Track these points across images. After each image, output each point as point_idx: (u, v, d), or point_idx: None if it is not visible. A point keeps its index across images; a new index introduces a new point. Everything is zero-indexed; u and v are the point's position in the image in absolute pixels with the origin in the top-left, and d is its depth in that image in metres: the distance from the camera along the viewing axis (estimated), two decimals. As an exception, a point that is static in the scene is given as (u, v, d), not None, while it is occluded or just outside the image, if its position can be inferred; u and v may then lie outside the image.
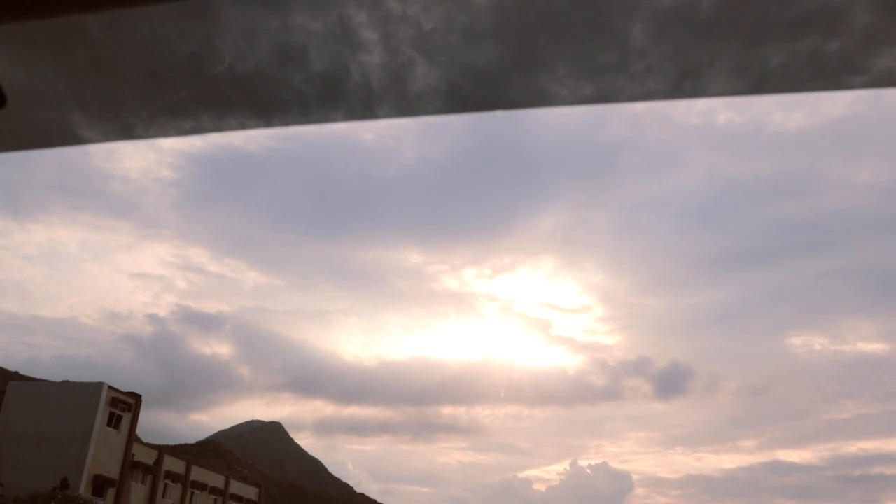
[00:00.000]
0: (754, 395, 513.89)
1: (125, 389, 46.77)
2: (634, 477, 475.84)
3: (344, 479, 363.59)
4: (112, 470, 45.16)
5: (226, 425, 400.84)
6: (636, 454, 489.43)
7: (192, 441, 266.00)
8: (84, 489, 42.68)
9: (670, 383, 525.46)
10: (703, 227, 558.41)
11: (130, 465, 47.56)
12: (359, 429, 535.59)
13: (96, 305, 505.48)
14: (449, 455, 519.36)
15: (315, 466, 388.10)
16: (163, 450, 54.42)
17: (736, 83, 2.11)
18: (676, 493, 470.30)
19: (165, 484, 51.35)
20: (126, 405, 46.50)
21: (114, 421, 45.60)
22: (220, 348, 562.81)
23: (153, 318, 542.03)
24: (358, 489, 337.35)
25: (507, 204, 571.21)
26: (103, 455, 44.36)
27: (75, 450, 43.03)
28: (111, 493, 44.87)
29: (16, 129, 2.35)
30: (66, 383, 46.02)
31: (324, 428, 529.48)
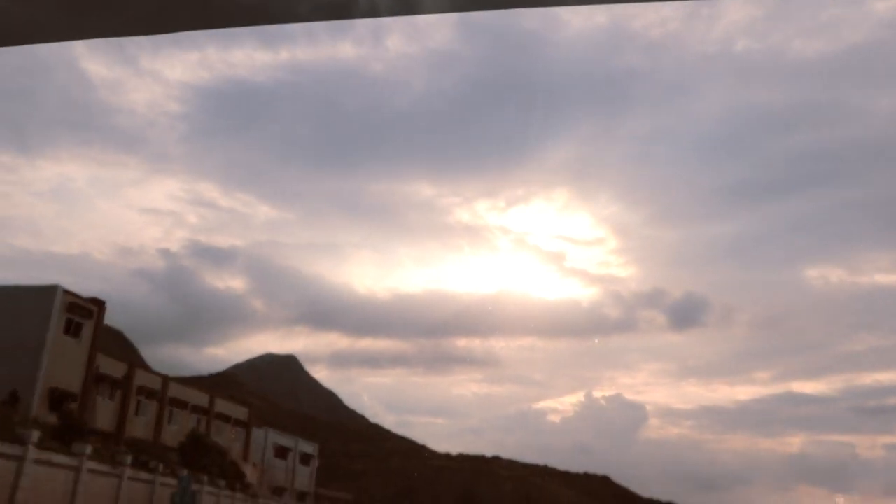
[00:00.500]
0: (769, 327, 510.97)
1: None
2: (648, 408, 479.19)
3: (359, 411, 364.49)
4: (72, 383, 40.17)
5: (240, 359, 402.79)
6: (650, 385, 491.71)
7: (206, 374, 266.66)
8: (38, 403, 37.74)
9: (685, 315, 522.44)
10: (719, 157, 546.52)
11: (95, 379, 42.59)
12: (373, 361, 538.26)
13: (108, 241, 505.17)
14: (464, 387, 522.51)
15: (330, 398, 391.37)
16: (166, 379, 49.70)
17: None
18: (690, 423, 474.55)
19: (139, 401, 46.52)
20: (86, 312, 41.22)
21: (72, 329, 40.40)
22: (233, 282, 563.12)
23: (165, 253, 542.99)
24: (373, 420, 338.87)
25: (519, 135, 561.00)
26: (60, 366, 39.29)
27: (27, 360, 37.96)
28: (72, 407, 39.95)
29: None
30: (15, 287, 40.70)
31: (338, 361, 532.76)
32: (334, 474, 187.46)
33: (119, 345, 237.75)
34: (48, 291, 39.49)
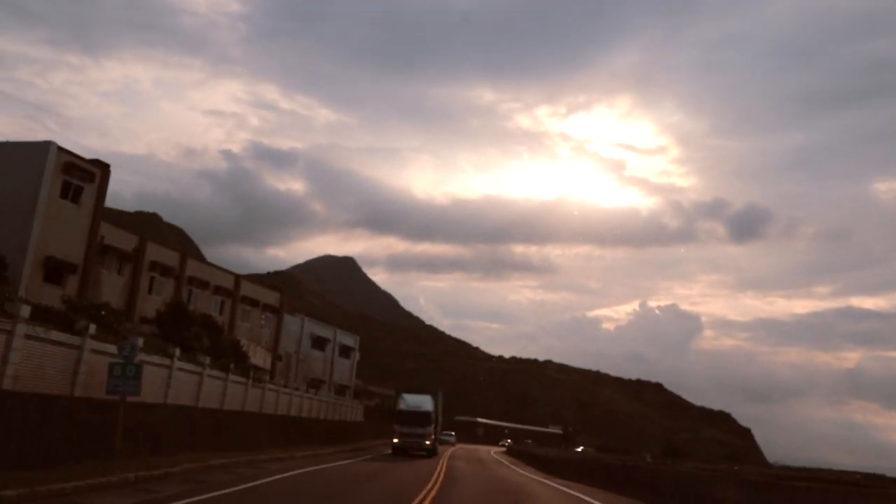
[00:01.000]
0: (832, 241, 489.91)
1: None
2: (703, 319, 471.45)
3: (415, 313, 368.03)
4: (72, 253, 35.87)
5: (300, 259, 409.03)
6: (706, 297, 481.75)
7: (265, 272, 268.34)
8: (30, 272, 33.59)
9: (746, 227, 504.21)
10: (790, 65, 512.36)
11: (100, 250, 38.29)
12: (430, 265, 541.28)
13: (172, 142, 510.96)
14: (519, 293, 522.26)
15: (386, 300, 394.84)
16: (184, 255, 45.40)
17: None
18: (745, 335, 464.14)
19: (152, 277, 42.33)
20: (87, 175, 36.47)
21: (71, 193, 35.76)
22: (293, 185, 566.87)
23: (227, 155, 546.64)
24: (428, 322, 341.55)
25: (582, 40, 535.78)
26: (56, 233, 34.88)
27: (17, 223, 33.60)
28: (72, 280, 35.85)
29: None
30: (3, 143, 36.05)
31: (396, 264, 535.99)
32: (386, 371, 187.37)
33: (180, 241, 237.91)
34: (41, 148, 34.73)
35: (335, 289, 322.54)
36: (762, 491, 16.93)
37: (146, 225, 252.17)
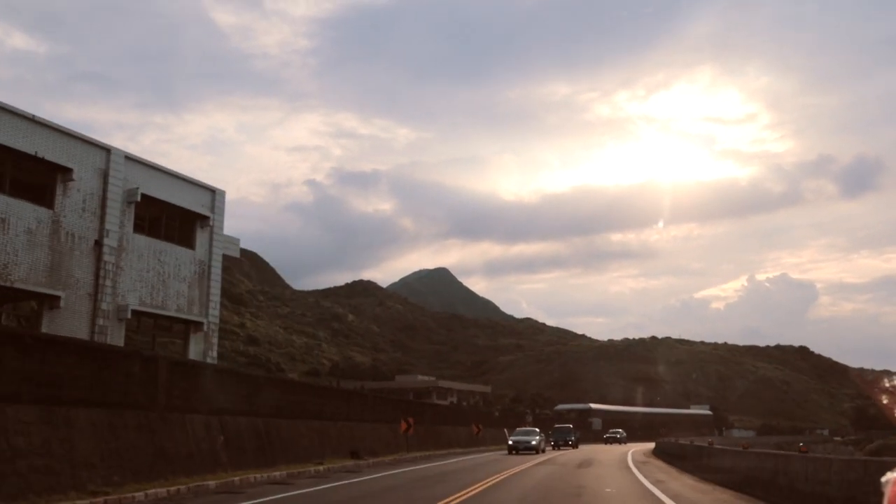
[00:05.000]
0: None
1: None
2: (818, 286, 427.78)
3: (517, 316, 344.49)
4: None
5: (395, 278, 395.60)
6: (818, 262, 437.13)
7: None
8: None
9: (857, 180, 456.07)
10: (874, 9, 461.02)
11: None
12: (528, 266, 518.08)
13: (260, 183, 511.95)
14: (621, 284, 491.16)
15: (486, 307, 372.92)
16: None
17: None
18: (865, 297, 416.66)
19: None
20: None
21: None
22: (380, 205, 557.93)
23: (312, 184, 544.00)
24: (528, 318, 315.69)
25: (652, 16, 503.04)
26: None
27: None
28: None
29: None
30: None
31: (493, 269, 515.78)
32: (479, 367, 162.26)
33: (255, 265, 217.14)
34: None
35: (432, 301, 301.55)
36: None
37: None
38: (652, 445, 53.67)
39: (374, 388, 77.23)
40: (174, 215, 28.12)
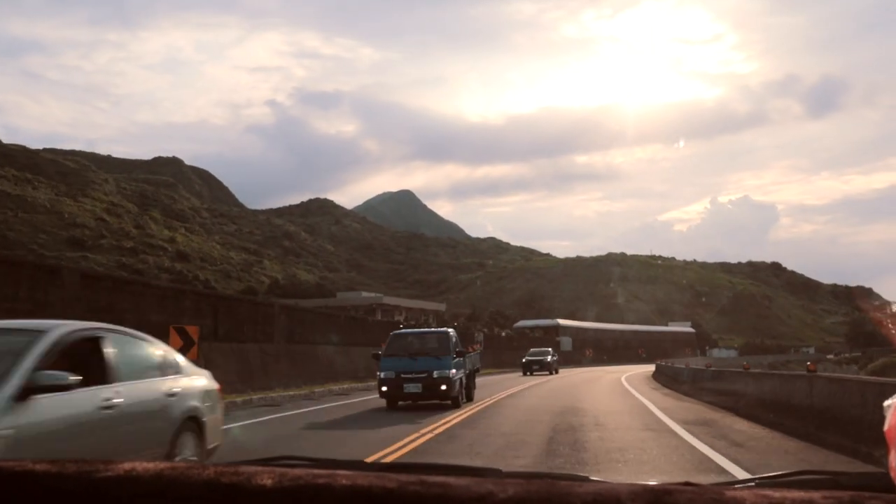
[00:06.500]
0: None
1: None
2: (779, 207, 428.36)
3: (482, 238, 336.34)
4: None
5: (360, 201, 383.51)
6: (779, 184, 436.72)
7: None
8: None
9: (822, 99, 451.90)
10: None
11: None
12: (494, 189, 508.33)
13: (221, 104, 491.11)
14: (585, 207, 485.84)
15: (451, 230, 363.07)
16: None
17: None
18: (824, 218, 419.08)
19: None
20: None
21: None
22: (343, 126, 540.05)
23: (273, 104, 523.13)
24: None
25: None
26: None
27: None
28: None
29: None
30: None
31: (458, 192, 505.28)
32: (437, 286, 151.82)
33: (207, 183, 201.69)
34: None
35: (397, 224, 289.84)
36: None
37: (166, 170, 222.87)
38: (636, 371, 43.00)
39: (307, 306, 65.49)
40: None
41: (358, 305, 75.30)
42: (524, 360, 42.25)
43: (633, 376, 34.54)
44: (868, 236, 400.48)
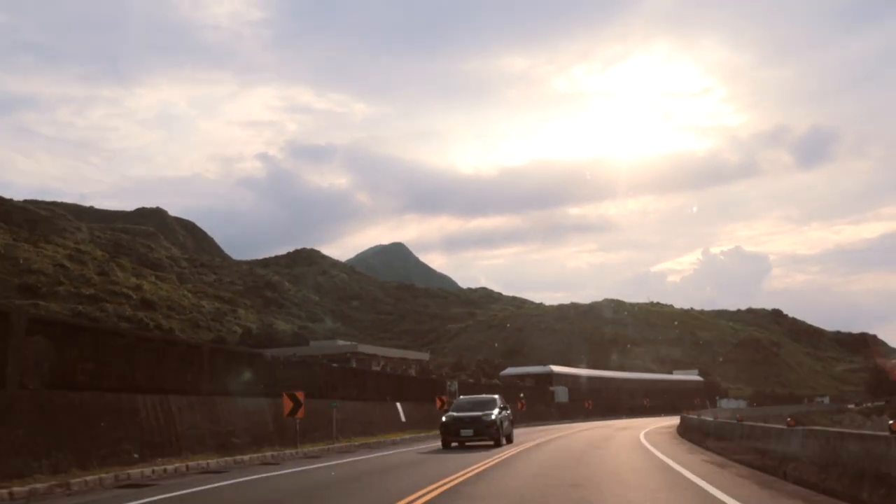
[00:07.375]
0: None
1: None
2: (771, 257, 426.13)
3: (474, 288, 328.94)
4: None
5: (352, 255, 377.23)
6: (771, 234, 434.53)
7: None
8: None
9: (812, 149, 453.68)
10: None
11: None
12: (487, 241, 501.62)
13: (214, 158, 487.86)
14: (579, 258, 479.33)
15: (443, 282, 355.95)
16: None
17: None
18: (816, 268, 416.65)
19: None
20: None
21: None
22: (336, 179, 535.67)
23: (264, 158, 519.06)
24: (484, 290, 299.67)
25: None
26: None
27: None
28: None
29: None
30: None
31: (451, 244, 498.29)
32: (425, 337, 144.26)
33: (191, 234, 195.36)
34: None
35: (389, 276, 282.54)
36: None
37: (149, 220, 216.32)
38: (651, 425, 36.01)
39: (275, 354, 58.27)
40: None
41: (331, 354, 68.25)
42: (443, 420, 24.06)
43: (652, 433, 27.26)
44: (860, 285, 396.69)
